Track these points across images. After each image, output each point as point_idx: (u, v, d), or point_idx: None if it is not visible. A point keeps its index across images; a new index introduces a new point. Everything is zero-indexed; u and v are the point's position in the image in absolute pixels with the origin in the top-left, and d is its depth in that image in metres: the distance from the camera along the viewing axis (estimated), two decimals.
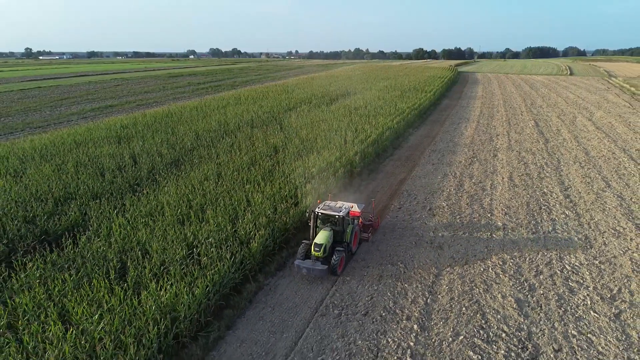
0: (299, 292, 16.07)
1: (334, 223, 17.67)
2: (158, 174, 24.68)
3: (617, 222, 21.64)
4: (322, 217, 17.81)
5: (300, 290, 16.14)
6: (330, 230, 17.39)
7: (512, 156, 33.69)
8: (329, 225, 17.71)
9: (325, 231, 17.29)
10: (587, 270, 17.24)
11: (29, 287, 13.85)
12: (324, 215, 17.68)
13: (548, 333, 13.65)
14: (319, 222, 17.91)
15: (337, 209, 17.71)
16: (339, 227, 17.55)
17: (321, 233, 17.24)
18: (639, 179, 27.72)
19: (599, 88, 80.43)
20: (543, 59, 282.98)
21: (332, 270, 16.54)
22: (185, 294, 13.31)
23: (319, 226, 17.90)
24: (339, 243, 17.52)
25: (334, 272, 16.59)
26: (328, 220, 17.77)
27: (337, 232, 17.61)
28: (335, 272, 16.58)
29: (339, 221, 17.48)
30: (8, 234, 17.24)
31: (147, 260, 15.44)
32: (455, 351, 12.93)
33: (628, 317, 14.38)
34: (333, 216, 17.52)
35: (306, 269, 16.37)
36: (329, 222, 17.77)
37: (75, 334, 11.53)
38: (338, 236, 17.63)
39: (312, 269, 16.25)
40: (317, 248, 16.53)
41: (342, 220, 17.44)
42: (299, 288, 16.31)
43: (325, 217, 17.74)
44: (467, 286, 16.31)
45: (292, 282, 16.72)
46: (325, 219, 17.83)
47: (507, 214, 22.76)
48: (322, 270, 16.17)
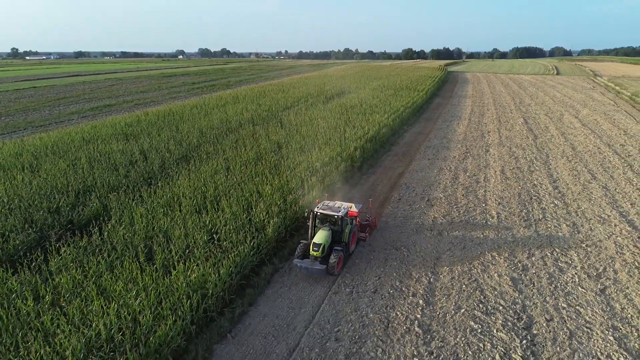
0: None
1: (332, 223, 17.78)
2: (170, 169, 25.85)
3: (602, 210, 23.25)
4: (320, 217, 17.93)
5: None
6: (328, 230, 17.47)
7: (503, 151, 35.31)
8: (327, 225, 17.81)
9: (323, 231, 17.39)
10: (575, 253, 18.77)
11: (65, 268, 15.00)
12: (322, 215, 17.81)
13: (540, 306, 15.12)
14: (317, 221, 18.04)
15: (336, 209, 17.84)
16: (338, 227, 17.68)
17: (320, 233, 17.33)
18: (622, 172, 29.43)
19: (585, 87, 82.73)
20: (530, 59, 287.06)
21: (330, 270, 16.64)
22: (211, 274, 14.57)
23: (317, 226, 18.02)
24: (337, 243, 17.63)
25: (332, 272, 16.70)
26: (326, 220, 17.88)
27: (336, 232, 17.70)
28: (333, 271, 16.70)
29: (338, 221, 17.61)
30: (37, 223, 18.32)
31: (172, 244, 16.64)
32: (458, 322, 14.34)
33: (612, 292, 15.90)
34: (332, 216, 17.63)
35: (305, 268, 16.55)
36: (327, 222, 17.88)
37: (117, 307, 12.72)
38: (336, 236, 17.72)
39: (311, 269, 16.42)
40: (316, 248, 16.63)
41: (341, 220, 17.57)
42: None
43: (324, 217, 17.86)
44: (466, 267, 17.75)
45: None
46: (323, 219, 17.95)
47: (501, 204, 24.27)
48: (321, 270, 16.34)
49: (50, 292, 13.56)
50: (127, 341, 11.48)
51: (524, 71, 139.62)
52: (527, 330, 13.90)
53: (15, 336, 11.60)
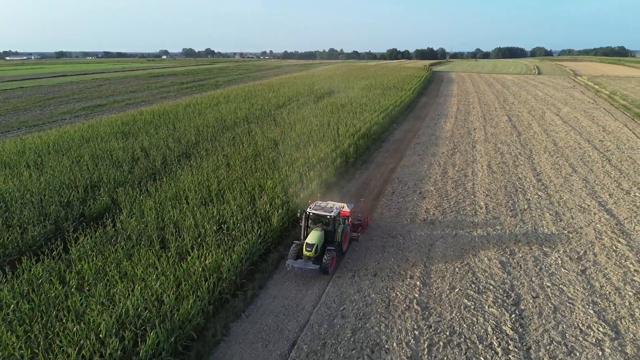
0: None
1: (325, 223, 17.89)
2: (172, 165, 26.76)
3: (582, 200, 24.82)
4: (313, 217, 18.01)
5: None
6: (321, 231, 17.61)
7: (489, 147, 36.88)
8: (320, 225, 17.92)
9: (316, 231, 17.54)
10: (558, 238, 20.24)
11: (86, 256, 15.91)
12: (315, 215, 17.89)
13: (527, 285, 16.50)
14: (310, 222, 18.15)
15: (328, 209, 17.96)
16: (330, 227, 17.79)
17: (313, 233, 17.48)
18: (601, 165, 31.15)
19: (566, 86, 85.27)
20: (512, 59, 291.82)
21: (324, 270, 16.74)
22: (225, 259, 15.64)
23: (310, 226, 18.14)
24: (330, 243, 17.73)
25: (325, 272, 16.80)
26: (319, 220, 17.98)
27: (329, 232, 17.82)
28: (326, 271, 16.81)
29: (331, 221, 17.71)
30: (51, 216, 19.16)
31: (183, 233, 17.65)
32: (453, 300, 15.63)
33: (592, 272, 17.35)
34: (324, 216, 17.73)
35: (298, 268, 16.65)
36: (320, 222, 17.98)
37: (140, 289, 13.71)
38: (329, 236, 17.84)
39: (304, 269, 16.54)
40: (309, 248, 16.80)
41: (334, 220, 17.67)
42: None
43: (317, 217, 17.96)
44: (458, 252, 19.08)
45: None
46: (316, 219, 18.04)
47: (488, 196, 25.71)
48: (314, 270, 16.44)
49: (75, 278, 14.48)
50: (154, 317, 12.49)
51: (506, 71, 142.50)
52: (516, 306, 15.25)
53: (49, 315, 12.53)
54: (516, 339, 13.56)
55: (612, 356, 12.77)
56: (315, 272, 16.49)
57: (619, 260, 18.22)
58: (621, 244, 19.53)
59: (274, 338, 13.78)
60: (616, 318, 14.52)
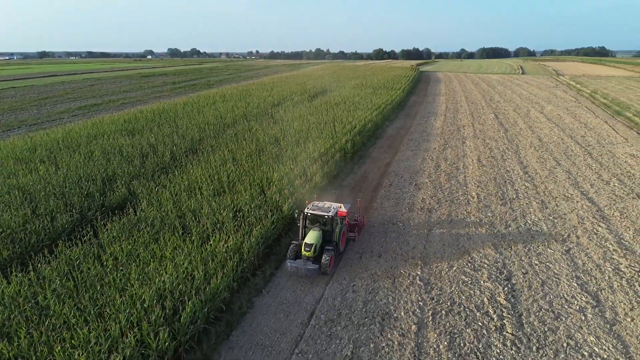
0: None
1: (323, 223, 18.12)
2: (180, 160, 28.08)
3: (566, 190, 26.75)
4: (311, 217, 18.23)
5: None
6: (319, 231, 17.79)
7: (478, 143, 38.80)
8: (318, 225, 18.14)
9: (314, 231, 17.72)
10: (544, 223, 22.08)
11: (115, 240, 17.26)
12: (313, 215, 18.13)
13: (517, 263, 18.26)
14: (307, 222, 18.34)
15: (325, 209, 18.19)
16: (328, 227, 18.04)
17: (311, 233, 17.65)
18: (583, 159, 33.22)
19: (549, 85, 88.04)
20: (497, 59, 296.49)
21: (323, 270, 16.99)
22: (245, 241, 17.12)
23: (307, 226, 18.32)
24: (328, 243, 17.94)
25: (324, 272, 17.06)
26: (317, 220, 18.22)
27: (326, 232, 18.02)
28: (325, 271, 17.06)
29: (329, 221, 17.97)
30: (75, 205, 20.41)
31: (202, 220, 19.05)
32: (451, 276, 17.32)
33: (575, 252, 19.19)
34: (322, 216, 17.96)
35: (297, 268, 16.88)
36: (317, 222, 18.22)
37: (172, 267, 15.13)
38: (327, 236, 18.02)
39: (304, 269, 16.74)
40: (308, 248, 16.98)
41: (331, 220, 17.90)
42: None
43: (314, 217, 18.20)
44: (454, 236, 20.80)
45: None
46: (314, 219, 18.28)
47: (479, 186, 27.52)
48: (313, 270, 16.67)
49: (110, 258, 15.83)
50: (188, 290, 13.93)
51: (491, 71, 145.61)
52: (508, 281, 16.99)
53: (94, 289, 13.90)
54: (509, 308, 15.28)
55: (593, 320, 14.54)
56: (315, 272, 16.74)
57: (599, 241, 20.10)
58: (601, 228, 21.43)
59: (294, 309, 15.32)
60: (597, 289, 16.33)
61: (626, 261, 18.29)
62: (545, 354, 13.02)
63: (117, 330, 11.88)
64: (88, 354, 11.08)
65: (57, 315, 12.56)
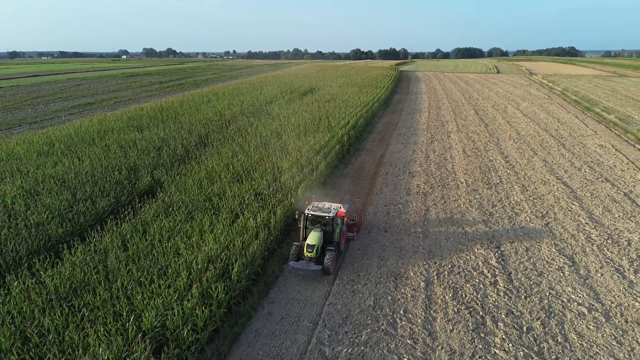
0: None
1: (323, 224, 18.30)
2: (193, 152, 30.22)
3: (543, 175, 29.92)
4: (311, 218, 18.39)
5: None
6: (320, 231, 17.91)
7: (462, 136, 41.92)
8: (319, 226, 18.29)
9: (315, 232, 17.85)
10: (526, 203, 25.11)
11: (155, 218, 19.46)
12: (313, 216, 18.29)
13: (505, 234, 21.16)
14: (308, 223, 18.55)
15: (326, 209, 18.39)
16: (329, 227, 18.22)
17: (312, 234, 17.79)
18: (557, 149, 36.60)
19: (523, 84, 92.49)
20: (472, 59, 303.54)
21: (325, 270, 17.17)
22: (272, 217, 19.56)
23: (308, 227, 18.51)
24: (329, 243, 18.11)
25: (326, 272, 17.25)
26: (317, 221, 18.40)
27: (327, 232, 18.21)
28: (328, 271, 17.25)
29: (329, 222, 18.15)
30: (109, 192, 22.47)
31: (228, 202, 21.35)
32: (450, 246, 20.10)
33: (553, 225, 22.20)
34: (323, 217, 18.14)
35: (301, 270, 17.06)
36: (318, 223, 18.39)
37: (212, 239, 17.45)
38: (328, 236, 18.20)
39: (307, 270, 16.93)
40: (310, 249, 17.17)
41: (332, 220, 18.07)
42: None
43: (315, 218, 18.37)
44: (448, 214, 23.63)
45: None
46: (314, 220, 18.46)
47: (467, 174, 30.48)
48: (317, 271, 16.85)
49: (156, 232, 18.07)
50: (231, 256, 16.31)
51: (468, 70, 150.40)
52: (497, 249, 19.85)
53: (152, 255, 16.16)
54: (500, 268, 18.12)
55: (570, 276, 17.48)
56: (318, 272, 16.89)
57: (573, 216, 23.19)
58: (575, 206, 24.56)
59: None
60: (572, 253, 19.32)
61: (596, 232, 21.38)
62: (531, 301, 15.86)
63: (182, 284, 14.21)
64: (163, 300, 13.38)
65: (125, 276, 14.79)
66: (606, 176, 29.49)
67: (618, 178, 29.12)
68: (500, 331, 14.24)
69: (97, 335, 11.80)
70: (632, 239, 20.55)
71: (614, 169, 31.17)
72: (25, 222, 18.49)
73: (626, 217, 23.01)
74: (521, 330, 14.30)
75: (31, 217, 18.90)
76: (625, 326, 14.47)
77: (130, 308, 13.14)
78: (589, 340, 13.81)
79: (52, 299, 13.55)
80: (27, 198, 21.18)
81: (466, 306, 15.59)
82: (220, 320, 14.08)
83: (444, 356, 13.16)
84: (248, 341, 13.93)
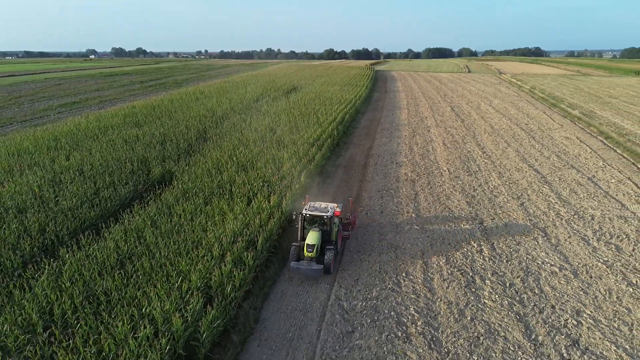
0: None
1: (321, 223, 18.41)
2: (195, 145, 32.13)
3: (516, 164, 33.09)
4: (309, 218, 18.46)
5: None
6: (319, 231, 18.03)
7: (441, 130, 44.99)
8: (316, 225, 18.42)
9: (314, 232, 17.95)
10: (503, 187, 28.09)
11: (177, 202, 21.48)
12: (311, 216, 18.38)
13: (486, 213, 24.02)
14: (305, 223, 18.61)
15: (323, 209, 18.49)
16: (327, 227, 18.35)
17: (311, 234, 17.88)
18: (527, 141, 39.99)
19: (493, 82, 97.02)
20: (443, 59, 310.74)
21: (326, 269, 17.34)
22: (283, 200, 21.85)
23: (306, 227, 18.59)
24: (328, 242, 18.24)
25: (327, 271, 17.43)
26: (315, 221, 18.50)
27: (325, 232, 18.30)
28: (328, 271, 17.45)
29: (327, 221, 18.27)
30: (127, 180, 24.31)
31: (241, 187, 23.49)
32: (439, 223, 22.80)
33: (527, 205, 25.19)
34: (321, 217, 18.25)
35: (302, 270, 17.24)
36: (316, 223, 18.49)
37: (234, 217, 19.62)
38: (326, 235, 18.29)
39: (309, 270, 17.13)
40: (310, 249, 17.30)
41: (330, 220, 18.22)
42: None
43: (312, 218, 18.45)
44: (435, 197, 26.37)
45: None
46: (311, 220, 18.54)
47: (448, 163, 33.39)
48: (319, 270, 17.05)
49: (182, 213, 20.12)
50: (253, 232, 18.54)
51: (440, 70, 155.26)
52: (480, 224, 22.66)
53: (183, 231, 18.25)
54: (484, 239, 20.91)
55: (543, 244, 20.39)
56: (320, 272, 17.12)
57: (544, 197, 26.26)
58: (545, 189, 27.67)
59: None
60: (545, 226, 22.28)
61: (564, 209, 24.45)
62: (512, 264, 18.65)
63: (216, 253, 16.39)
64: (203, 265, 15.54)
65: (164, 248, 16.86)
66: (572, 164, 32.86)
67: (582, 165, 32.52)
68: (488, 287, 16.96)
69: (156, 291, 13.90)
70: (595, 214, 23.70)
71: (579, 157, 34.64)
72: (59, 207, 20.24)
73: (589, 197, 26.21)
74: (505, 285, 17.05)
75: (62, 203, 20.65)
76: (589, 280, 17.39)
77: (177, 272, 15.24)
78: (560, 291, 16.65)
79: (104, 267, 15.54)
80: (52, 187, 22.84)
81: (458, 269, 18.27)
82: (251, 283, 16.33)
83: (443, 306, 15.77)
84: (277, 299, 16.26)
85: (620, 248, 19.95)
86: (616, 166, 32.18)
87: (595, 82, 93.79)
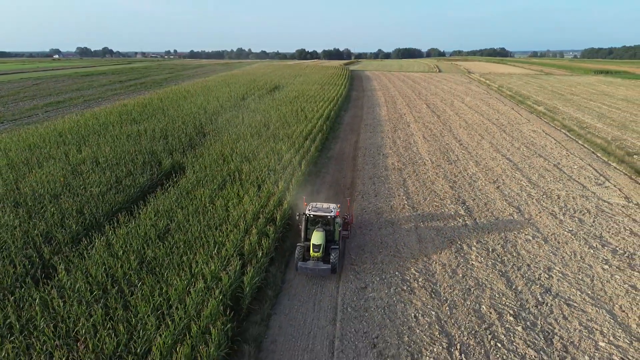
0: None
1: (325, 223, 18.74)
2: (196, 140, 34.23)
3: (490, 154, 36.55)
4: (312, 219, 18.82)
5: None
6: (323, 231, 18.29)
7: (419, 125, 48.29)
8: (320, 225, 18.71)
9: (319, 232, 18.19)
10: (480, 173, 31.39)
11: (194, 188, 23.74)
12: (314, 217, 18.75)
13: (467, 195, 27.19)
14: (309, 223, 18.97)
15: (325, 209, 18.91)
16: (330, 226, 18.73)
17: (316, 234, 18.11)
18: (499, 134, 43.66)
19: (464, 81, 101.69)
20: (413, 59, 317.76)
21: (333, 269, 17.49)
22: (289, 185, 24.40)
23: (309, 228, 18.94)
24: (331, 242, 18.58)
25: (334, 270, 17.58)
26: (318, 221, 18.83)
27: (328, 231, 18.66)
28: (335, 270, 17.58)
29: (331, 221, 18.65)
30: (143, 170, 26.36)
31: (249, 175, 25.88)
32: (428, 203, 25.80)
33: (502, 187, 28.49)
34: (325, 217, 18.63)
35: (311, 269, 17.45)
36: (319, 223, 18.79)
37: (249, 200, 22.05)
38: (329, 235, 18.65)
39: (317, 269, 17.37)
40: (317, 249, 17.58)
41: (333, 220, 18.61)
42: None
43: (316, 218, 18.81)
44: (422, 182, 29.40)
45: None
46: (314, 221, 18.91)
47: (430, 154, 36.57)
48: (327, 270, 17.32)
49: (202, 197, 22.41)
50: (271, 210, 21.04)
51: (412, 69, 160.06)
52: (463, 204, 25.78)
53: (206, 212, 20.57)
54: (468, 215, 24.01)
55: (518, 218, 23.63)
56: (327, 271, 17.37)
57: (517, 181, 29.64)
58: (517, 174, 31.11)
59: None
60: (518, 205, 25.57)
61: (534, 191, 27.86)
62: (492, 234, 21.78)
63: (243, 227, 18.85)
64: (233, 237, 17.97)
65: (195, 225, 19.19)
66: (539, 153, 36.54)
67: (549, 154, 36.25)
68: (474, 252, 19.99)
69: (200, 256, 16.28)
70: (561, 194, 27.17)
71: (545, 147, 38.41)
72: (89, 192, 22.23)
73: (556, 180, 29.74)
74: (488, 250, 20.12)
75: (90, 189, 22.64)
76: (557, 245, 20.65)
77: (214, 242, 17.64)
78: (534, 254, 19.82)
79: (146, 240, 17.79)
80: (74, 177, 24.71)
81: (447, 238, 21.27)
82: (274, 251, 18.87)
83: (438, 267, 18.70)
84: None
85: (582, 220, 23.37)
86: (578, 155, 36.04)
87: (558, 81, 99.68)
